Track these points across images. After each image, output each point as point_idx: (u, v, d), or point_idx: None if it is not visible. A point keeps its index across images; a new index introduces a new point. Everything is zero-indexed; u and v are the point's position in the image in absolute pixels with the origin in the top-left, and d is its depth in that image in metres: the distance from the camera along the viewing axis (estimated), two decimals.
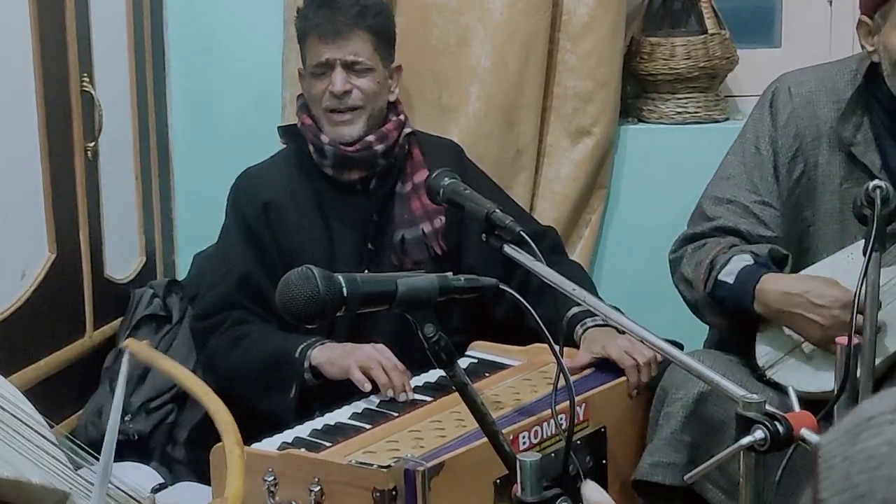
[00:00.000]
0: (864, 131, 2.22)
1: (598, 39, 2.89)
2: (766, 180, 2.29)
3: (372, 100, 2.46)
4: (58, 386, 2.51)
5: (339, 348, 2.30)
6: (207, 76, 3.11)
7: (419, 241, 2.48)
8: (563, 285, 1.86)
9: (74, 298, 2.61)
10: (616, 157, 3.04)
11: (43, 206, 2.46)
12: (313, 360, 2.29)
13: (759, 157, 2.30)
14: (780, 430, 1.39)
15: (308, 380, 2.30)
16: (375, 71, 2.46)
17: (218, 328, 2.46)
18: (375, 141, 2.46)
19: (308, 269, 1.46)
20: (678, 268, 2.32)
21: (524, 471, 1.40)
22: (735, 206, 2.29)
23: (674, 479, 2.11)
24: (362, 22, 2.44)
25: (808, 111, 2.28)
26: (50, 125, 2.45)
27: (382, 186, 2.50)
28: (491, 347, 2.45)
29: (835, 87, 2.27)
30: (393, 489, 1.77)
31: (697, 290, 2.24)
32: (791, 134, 2.29)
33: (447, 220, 2.49)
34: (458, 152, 2.65)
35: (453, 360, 1.52)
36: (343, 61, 2.44)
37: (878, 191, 1.82)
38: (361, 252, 2.48)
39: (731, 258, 2.19)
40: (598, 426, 2.13)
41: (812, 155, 2.28)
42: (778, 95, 2.32)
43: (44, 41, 2.42)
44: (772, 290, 2.13)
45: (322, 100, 2.46)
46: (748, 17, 3.25)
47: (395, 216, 2.49)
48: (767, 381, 2.17)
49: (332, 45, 2.43)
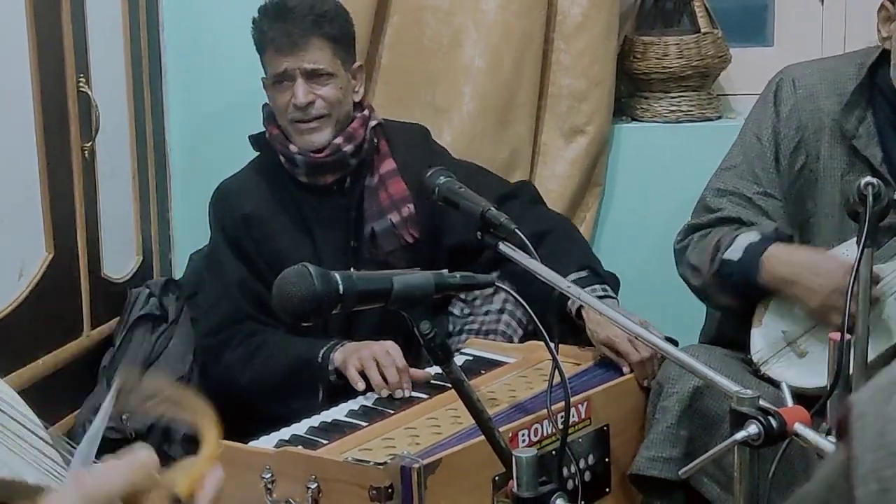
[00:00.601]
0: (867, 125, 2.23)
1: (591, 39, 2.90)
2: (767, 171, 2.30)
3: (336, 106, 2.45)
4: (55, 385, 2.51)
5: (352, 347, 2.32)
6: (203, 76, 3.12)
7: (388, 231, 2.48)
8: (558, 283, 1.88)
9: (71, 298, 2.62)
10: (610, 156, 3.06)
11: (40, 206, 2.47)
12: (336, 363, 2.32)
13: (761, 148, 2.31)
14: (774, 425, 1.40)
15: (333, 381, 2.32)
16: (337, 76, 2.45)
17: (229, 343, 2.47)
18: (344, 142, 2.46)
19: (304, 267, 1.47)
20: (684, 256, 2.32)
21: (520, 467, 1.41)
22: (737, 197, 2.30)
23: (670, 473, 2.12)
24: (318, 30, 2.42)
25: (810, 103, 2.29)
26: (47, 125, 2.46)
27: (357, 183, 2.51)
28: (486, 345, 2.46)
29: (838, 80, 2.27)
30: (389, 486, 1.78)
31: (704, 273, 2.25)
32: (794, 125, 2.29)
33: (417, 206, 2.49)
34: (423, 136, 2.65)
35: (449, 357, 1.54)
36: (303, 70, 2.42)
37: (869, 187, 1.83)
38: (346, 251, 2.48)
39: (737, 237, 2.21)
40: (600, 424, 2.14)
41: (814, 147, 2.28)
42: (781, 87, 2.32)
43: (40, 42, 2.42)
44: (777, 258, 2.14)
45: (286, 111, 2.45)
46: (741, 16, 3.26)
47: (366, 210, 2.50)
48: (762, 376, 2.18)
49: (289, 56, 2.42)
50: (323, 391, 2.32)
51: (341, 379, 2.31)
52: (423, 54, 2.95)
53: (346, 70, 2.49)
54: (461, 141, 2.87)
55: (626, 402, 2.22)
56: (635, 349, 2.21)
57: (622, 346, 2.22)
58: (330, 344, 2.35)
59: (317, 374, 2.33)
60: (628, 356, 2.22)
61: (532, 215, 2.52)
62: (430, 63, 2.95)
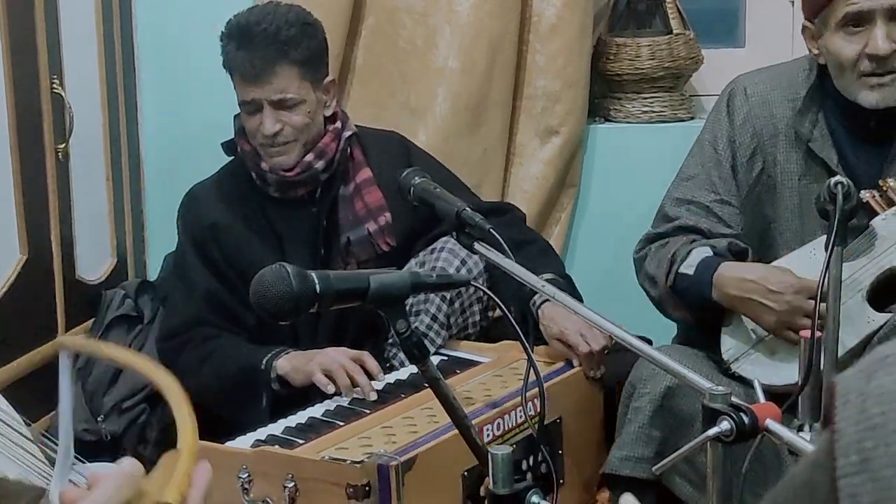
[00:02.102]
0: (821, 127, 2.27)
1: (565, 40, 2.92)
2: (724, 179, 2.33)
3: (305, 131, 2.42)
4: (30, 387, 2.50)
5: (302, 356, 2.32)
6: (178, 77, 3.11)
7: (364, 240, 2.48)
8: (532, 282, 1.89)
9: (46, 299, 2.61)
10: (585, 156, 3.08)
11: (14, 207, 2.46)
12: (279, 370, 2.31)
13: (717, 157, 2.34)
14: (746, 421, 1.42)
15: (276, 389, 2.32)
16: (305, 101, 2.40)
17: (186, 346, 2.46)
18: (315, 159, 2.44)
19: (282, 267, 1.48)
20: (642, 266, 2.36)
21: (496, 464, 1.42)
22: (695, 206, 2.34)
23: (643, 473, 2.14)
24: (283, 58, 2.36)
25: (764, 110, 2.33)
26: (20, 127, 2.45)
27: (328, 192, 2.49)
28: (461, 345, 2.47)
29: (790, 86, 2.32)
30: (366, 484, 1.79)
31: (660, 285, 2.28)
32: (748, 133, 2.33)
33: (394, 215, 2.48)
34: (401, 143, 2.63)
35: (426, 355, 1.55)
36: (270, 101, 2.37)
37: (839, 186, 1.86)
38: (315, 259, 2.47)
39: (692, 251, 2.24)
40: (553, 417, 2.16)
41: (770, 153, 2.32)
42: (734, 96, 2.37)
43: (13, 43, 2.42)
44: (728, 277, 2.17)
45: (255, 135, 2.42)
46: (712, 18, 3.29)
47: (340, 219, 2.49)
48: (732, 374, 2.20)
49: (254, 87, 2.37)
50: (267, 399, 2.32)
51: (284, 387, 2.31)
52: (398, 55, 2.96)
53: (316, 89, 2.43)
54: (435, 141, 2.88)
55: (577, 394, 2.27)
56: (585, 342, 2.25)
57: (571, 339, 2.27)
58: (274, 351, 2.34)
59: (261, 381, 2.32)
60: (577, 347, 2.26)
61: (515, 227, 2.54)
62: (405, 64, 2.96)
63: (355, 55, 3.00)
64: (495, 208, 2.58)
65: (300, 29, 2.40)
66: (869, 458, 0.65)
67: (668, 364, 1.66)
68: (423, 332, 2.39)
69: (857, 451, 0.65)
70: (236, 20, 2.42)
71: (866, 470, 0.65)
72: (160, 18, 3.09)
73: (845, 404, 0.68)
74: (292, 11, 2.43)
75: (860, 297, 2.13)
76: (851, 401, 0.67)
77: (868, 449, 0.65)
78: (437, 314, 2.41)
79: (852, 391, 0.68)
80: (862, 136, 2.25)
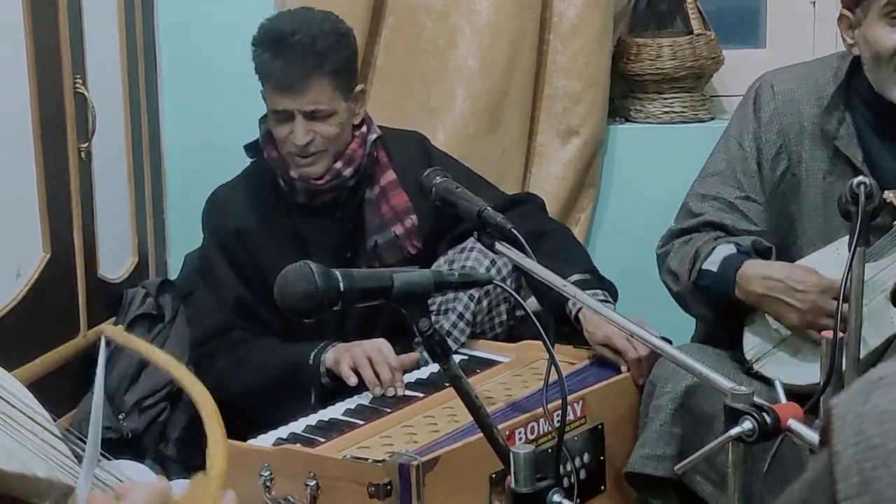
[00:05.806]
0: (847, 125, 2.27)
1: (586, 40, 2.92)
2: (749, 176, 2.33)
3: (335, 141, 2.42)
4: (52, 385, 2.52)
5: (343, 347, 2.33)
6: (199, 77, 3.13)
7: (392, 243, 2.48)
8: (554, 281, 1.89)
9: (68, 298, 2.63)
10: (605, 157, 3.08)
11: (37, 206, 2.48)
12: (328, 363, 2.32)
13: (742, 153, 2.34)
14: (768, 421, 1.42)
15: (326, 383, 2.33)
16: (337, 112, 2.40)
17: (220, 351, 2.47)
18: (343, 166, 2.44)
19: (306, 265, 1.48)
20: (665, 261, 2.35)
21: (518, 463, 1.43)
22: (719, 202, 2.33)
23: (664, 471, 2.14)
24: (318, 71, 2.35)
25: (790, 108, 2.32)
26: (43, 126, 2.47)
27: (353, 196, 2.50)
28: (481, 344, 2.47)
29: (817, 84, 2.31)
30: (388, 483, 1.79)
31: (683, 282, 2.27)
32: (774, 131, 2.32)
33: (419, 217, 2.48)
34: (421, 142, 2.62)
35: (448, 354, 1.55)
36: (302, 111, 2.37)
37: (862, 187, 1.85)
38: (341, 263, 2.45)
39: (716, 248, 2.23)
40: (595, 423, 2.15)
41: (796, 151, 2.32)
42: (761, 94, 2.36)
43: (37, 43, 2.43)
44: (752, 275, 2.17)
45: (285, 144, 2.41)
46: (733, 18, 3.28)
47: (367, 223, 2.49)
48: (755, 374, 2.20)
49: (288, 97, 2.36)
50: (315, 394, 2.33)
51: (333, 380, 2.32)
52: (419, 55, 2.96)
53: (347, 99, 2.43)
54: (454, 142, 2.88)
55: (621, 400, 2.23)
56: (633, 347, 2.23)
57: (620, 344, 2.24)
58: (320, 346, 2.36)
59: (309, 377, 2.34)
60: (626, 353, 2.24)
61: (535, 217, 2.54)
62: (425, 64, 2.96)
63: (375, 55, 3.00)
64: (515, 199, 2.58)
65: (336, 39, 2.39)
66: (869, 480, 0.65)
67: (690, 364, 1.66)
68: (447, 330, 2.40)
69: (858, 473, 0.65)
70: (270, 26, 2.41)
71: (868, 492, 0.65)
72: (183, 18, 3.11)
73: (842, 426, 0.67)
74: (327, 20, 2.41)
75: (883, 297, 2.12)
76: (849, 422, 0.67)
77: (868, 470, 0.65)
78: (465, 312, 2.42)
79: (849, 413, 0.68)
80: (888, 136, 2.24)
